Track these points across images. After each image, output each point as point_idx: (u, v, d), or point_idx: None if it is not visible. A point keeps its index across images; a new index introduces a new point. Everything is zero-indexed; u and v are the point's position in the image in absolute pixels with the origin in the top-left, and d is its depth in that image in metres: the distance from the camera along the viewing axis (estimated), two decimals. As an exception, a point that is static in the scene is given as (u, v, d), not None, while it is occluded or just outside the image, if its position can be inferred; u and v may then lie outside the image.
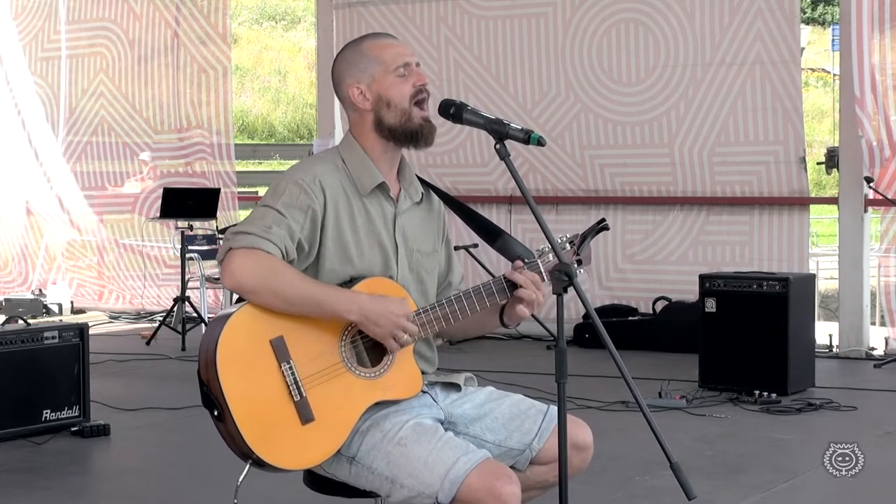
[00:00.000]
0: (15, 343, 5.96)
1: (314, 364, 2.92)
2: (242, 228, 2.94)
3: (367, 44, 3.12)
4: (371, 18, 10.21)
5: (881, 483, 5.04)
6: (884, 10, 8.52)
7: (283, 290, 2.88)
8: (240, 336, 2.88)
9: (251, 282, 2.87)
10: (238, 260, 2.89)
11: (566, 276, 2.82)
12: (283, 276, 2.89)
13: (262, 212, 2.97)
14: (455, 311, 3.03)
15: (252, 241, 2.90)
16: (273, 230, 2.92)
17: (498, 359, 8.32)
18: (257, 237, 2.90)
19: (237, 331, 2.88)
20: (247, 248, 2.89)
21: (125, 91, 11.51)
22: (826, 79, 28.23)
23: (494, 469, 2.86)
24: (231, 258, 2.90)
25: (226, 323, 2.88)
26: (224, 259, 2.92)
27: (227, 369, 2.85)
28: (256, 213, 2.97)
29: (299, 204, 2.97)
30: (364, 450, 2.95)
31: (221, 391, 2.84)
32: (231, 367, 2.85)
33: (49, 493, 5.09)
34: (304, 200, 2.98)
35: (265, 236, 2.91)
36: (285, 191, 2.99)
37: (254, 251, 2.89)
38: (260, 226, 2.93)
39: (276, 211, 2.95)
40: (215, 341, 2.85)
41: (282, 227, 2.93)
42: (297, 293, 2.89)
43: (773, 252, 8.96)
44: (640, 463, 5.30)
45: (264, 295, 2.88)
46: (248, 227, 2.93)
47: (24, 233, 11.98)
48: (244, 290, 2.89)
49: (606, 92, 9.45)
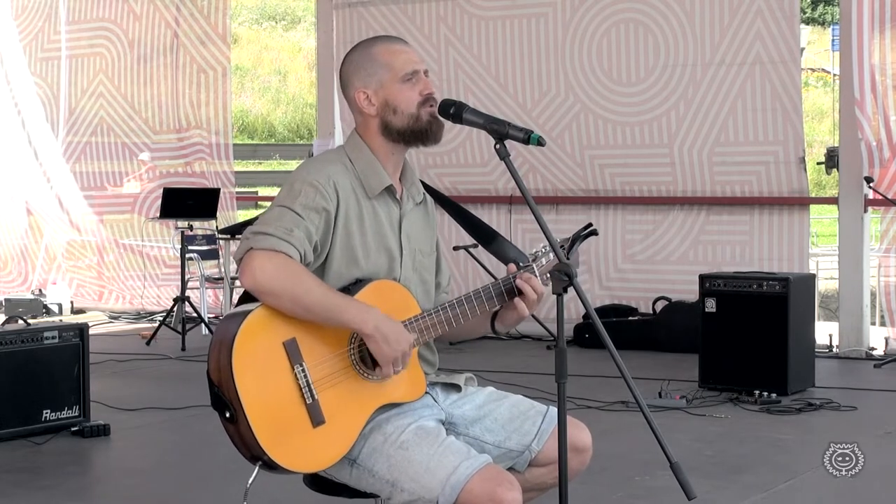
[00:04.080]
0: (15, 343, 5.95)
1: (325, 367, 2.92)
2: (262, 229, 2.91)
3: (378, 48, 3.10)
4: (371, 18, 10.21)
5: (881, 483, 5.04)
6: (884, 10, 8.52)
7: (302, 296, 2.86)
8: (255, 337, 2.86)
9: (272, 285, 2.85)
10: (259, 261, 2.86)
11: (566, 276, 2.82)
12: (304, 283, 2.87)
13: (279, 212, 2.94)
14: (458, 315, 3.03)
15: (273, 244, 2.87)
16: (294, 233, 2.90)
17: (498, 359, 8.32)
18: (279, 240, 2.88)
19: (253, 332, 2.86)
20: (269, 251, 2.87)
21: (125, 91, 11.51)
22: (826, 79, 28.23)
23: (495, 475, 2.86)
24: (251, 258, 2.87)
25: (241, 324, 2.85)
26: (244, 258, 2.90)
27: (243, 371, 2.82)
28: (274, 214, 2.94)
29: (315, 205, 2.96)
30: (366, 452, 2.95)
31: (236, 393, 2.81)
32: (246, 369, 2.83)
33: (49, 493, 5.08)
34: (320, 202, 2.96)
35: (287, 239, 2.89)
36: (301, 191, 2.96)
37: (276, 254, 2.87)
38: (280, 227, 2.90)
39: (294, 212, 2.93)
40: (230, 343, 2.83)
41: (301, 230, 2.92)
42: (315, 301, 2.87)
43: (773, 252, 8.96)
44: (640, 463, 5.30)
45: (283, 299, 2.86)
46: (268, 228, 2.90)
47: (24, 233, 11.98)
48: (263, 292, 2.86)
49: (606, 92, 9.45)
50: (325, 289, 2.92)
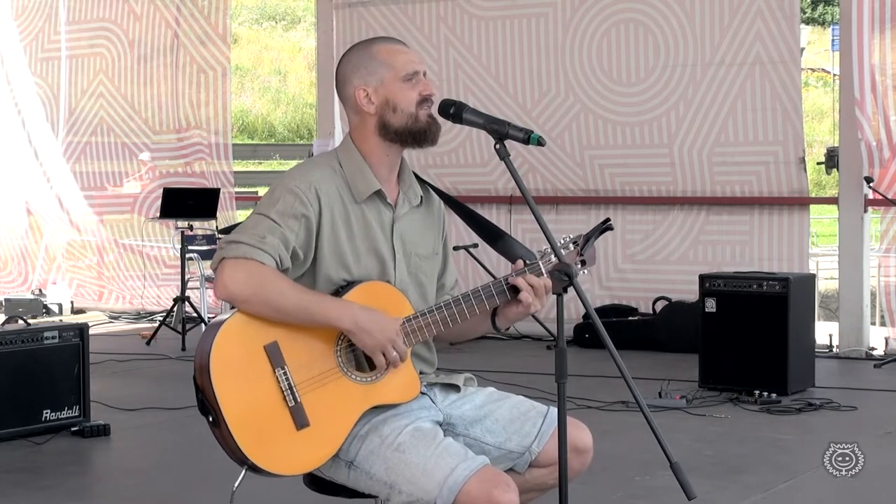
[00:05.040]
0: (15, 343, 5.96)
1: (309, 369, 2.92)
2: (236, 238, 2.93)
3: (378, 47, 3.11)
4: (371, 18, 10.21)
5: (881, 483, 5.04)
6: (884, 10, 8.52)
7: (275, 299, 2.88)
8: (233, 342, 2.88)
9: (243, 292, 2.88)
10: (229, 270, 2.90)
11: (566, 276, 2.82)
12: (275, 286, 2.89)
13: (255, 220, 2.96)
14: (454, 315, 3.02)
15: (245, 251, 2.90)
16: (267, 239, 2.92)
17: (498, 359, 8.32)
18: (250, 247, 2.90)
19: (230, 337, 2.89)
20: (239, 258, 2.90)
21: (125, 91, 11.51)
22: (826, 79, 28.23)
23: (493, 476, 2.85)
24: (223, 268, 2.91)
25: (219, 329, 2.88)
26: (217, 268, 2.93)
27: (221, 376, 2.85)
28: (250, 222, 2.97)
29: (293, 212, 2.96)
30: (363, 455, 2.95)
31: (215, 397, 2.85)
32: (225, 374, 2.86)
33: (49, 493, 5.08)
34: (299, 208, 2.97)
35: (259, 246, 2.91)
36: (280, 199, 2.98)
37: (246, 261, 2.89)
38: (253, 235, 2.92)
39: (270, 220, 2.95)
40: (209, 348, 2.86)
41: (276, 236, 2.93)
42: (289, 303, 2.89)
43: (773, 252, 8.96)
44: (640, 463, 5.30)
45: (256, 305, 2.88)
46: (241, 237, 2.93)
47: (24, 233, 11.98)
48: (236, 300, 2.90)
49: (606, 92, 9.45)
50: (300, 290, 2.93)
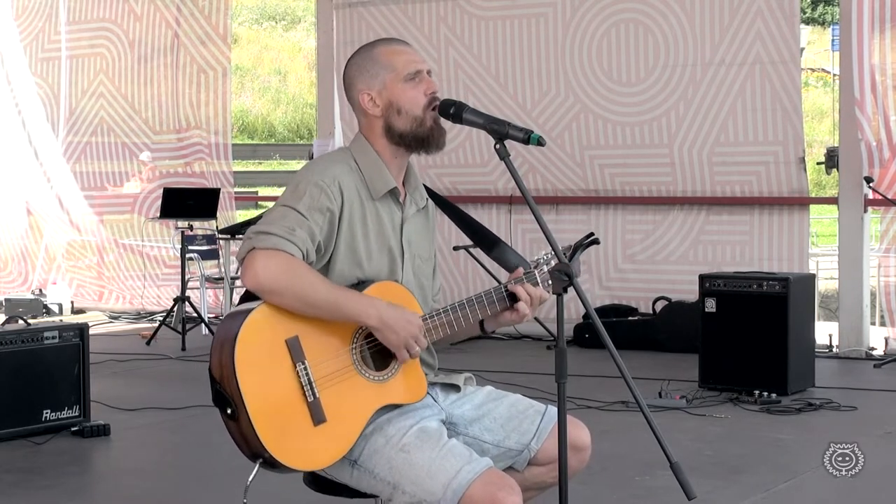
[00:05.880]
0: (15, 343, 5.96)
1: (327, 365, 2.92)
2: (265, 228, 2.92)
3: (379, 49, 3.11)
4: (371, 18, 10.21)
5: (881, 483, 5.04)
6: (884, 10, 8.52)
7: (306, 292, 2.88)
8: (258, 334, 2.87)
9: (275, 283, 2.87)
10: (262, 261, 2.88)
11: (566, 276, 2.82)
12: (307, 279, 2.89)
13: (283, 212, 2.95)
14: (459, 318, 3.04)
15: (276, 243, 2.89)
16: (296, 232, 2.91)
17: (498, 359, 8.32)
18: (281, 238, 2.89)
19: (255, 329, 2.87)
20: (271, 249, 2.88)
21: (125, 91, 11.51)
22: (826, 79, 28.23)
23: (497, 479, 2.86)
24: (254, 258, 2.89)
25: (244, 321, 2.86)
26: (246, 258, 2.91)
27: (245, 367, 2.83)
28: (277, 213, 2.95)
29: (319, 206, 2.97)
30: (367, 454, 2.95)
31: (238, 389, 2.82)
32: (248, 366, 2.84)
33: (49, 493, 5.09)
34: (324, 202, 2.97)
35: (289, 238, 2.90)
36: (306, 192, 2.97)
37: (278, 252, 2.88)
38: (283, 227, 2.91)
39: (297, 212, 2.94)
40: (233, 339, 2.84)
41: (304, 230, 2.93)
42: (319, 296, 2.89)
43: (773, 252, 8.96)
44: (640, 463, 5.30)
45: (287, 297, 2.88)
46: (270, 228, 2.91)
47: (24, 233, 11.98)
48: (266, 290, 2.88)
49: (606, 92, 9.45)
50: (329, 284, 2.93)
